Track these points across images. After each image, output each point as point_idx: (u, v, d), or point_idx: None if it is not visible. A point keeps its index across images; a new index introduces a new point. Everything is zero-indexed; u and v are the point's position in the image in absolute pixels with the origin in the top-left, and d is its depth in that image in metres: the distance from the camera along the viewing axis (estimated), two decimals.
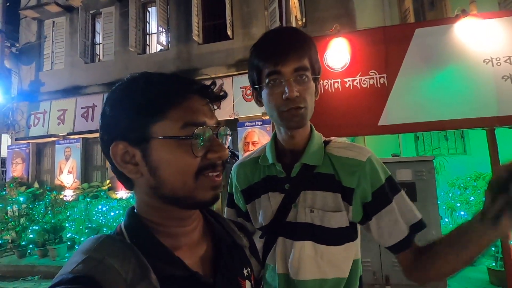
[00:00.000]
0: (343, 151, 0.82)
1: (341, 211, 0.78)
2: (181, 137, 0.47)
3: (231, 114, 6.03)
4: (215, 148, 0.50)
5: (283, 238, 0.81)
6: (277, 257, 0.81)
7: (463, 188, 4.34)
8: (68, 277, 0.40)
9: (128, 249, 0.46)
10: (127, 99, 0.49)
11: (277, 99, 0.76)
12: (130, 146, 0.48)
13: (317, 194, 0.80)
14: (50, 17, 8.12)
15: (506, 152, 3.14)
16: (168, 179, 0.48)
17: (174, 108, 0.48)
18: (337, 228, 0.78)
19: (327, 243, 0.78)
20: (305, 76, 0.76)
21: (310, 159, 0.81)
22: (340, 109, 2.41)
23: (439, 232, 2.78)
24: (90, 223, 6.07)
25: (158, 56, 7.17)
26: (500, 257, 3.35)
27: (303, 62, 0.76)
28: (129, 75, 0.53)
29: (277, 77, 0.75)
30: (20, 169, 7.68)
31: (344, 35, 2.46)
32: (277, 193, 0.83)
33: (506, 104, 2.17)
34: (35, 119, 7.81)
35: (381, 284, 2.81)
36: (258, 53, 0.78)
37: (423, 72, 2.32)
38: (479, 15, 2.27)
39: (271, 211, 0.83)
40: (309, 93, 0.77)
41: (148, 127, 0.48)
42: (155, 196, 0.49)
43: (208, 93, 0.52)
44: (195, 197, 0.49)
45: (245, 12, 6.48)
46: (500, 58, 2.23)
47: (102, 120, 0.51)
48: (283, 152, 0.86)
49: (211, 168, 0.50)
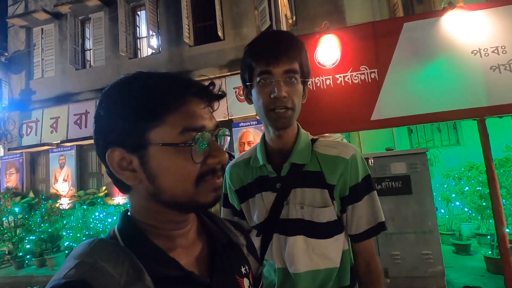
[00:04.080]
0: (328, 149, 0.87)
1: (329, 206, 0.84)
2: (180, 144, 0.46)
3: (225, 115, 6.03)
4: (215, 153, 0.49)
5: (278, 234, 0.86)
6: (273, 253, 0.86)
7: (458, 178, 4.39)
8: (60, 282, 0.40)
9: (121, 251, 0.45)
10: (122, 103, 0.47)
11: (265, 97, 0.80)
12: (127, 153, 0.47)
13: (306, 191, 0.85)
14: (39, 24, 8.03)
15: (497, 142, 3.19)
16: (168, 187, 0.47)
17: (172, 113, 0.46)
18: (326, 223, 0.83)
19: (317, 237, 0.83)
20: (294, 79, 0.81)
21: (298, 158, 0.86)
22: (332, 106, 2.43)
23: (434, 222, 2.81)
24: (88, 230, 6.01)
25: (150, 59, 7.13)
26: (496, 245, 3.40)
27: (294, 65, 0.80)
28: (122, 76, 0.51)
29: (268, 76, 0.79)
30: (14, 179, 7.59)
31: (334, 32, 2.47)
32: (270, 192, 0.88)
33: (495, 94, 2.20)
34: (27, 128, 7.72)
35: None
36: (252, 53, 0.83)
37: (413, 65, 2.34)
38: (466, 7, 2.30)
39: (265, 210, 0.87)
40: (297, 95, 0.82)
41: (145, 133, 0.46)
42: (154, 201, 0.49)
43: (207, 94, 0.50)
44: (197, 201, 0.49)
45: (235, 13, 6.48)
46: (487, 49, 2.26)
47: (96, 124, 0.49)
48: (273, 152, 0.90)
49: (211, 173, 0.49)
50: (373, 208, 0.86)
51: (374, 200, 0.87)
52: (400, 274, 2.83)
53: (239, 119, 6.00)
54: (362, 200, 0.85)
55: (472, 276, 3.44)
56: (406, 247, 2.82)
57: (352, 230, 0.86)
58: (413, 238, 2.81)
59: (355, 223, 0.85)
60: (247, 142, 5.71)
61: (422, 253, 2.77)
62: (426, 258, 2.76)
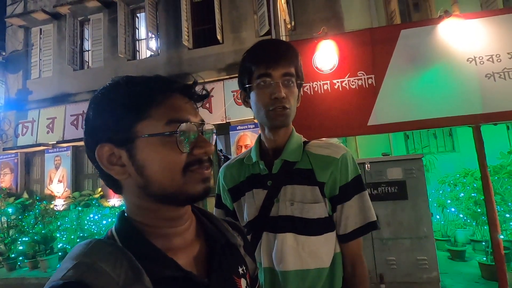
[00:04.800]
0: (320, 149, 0.90)
1: (319, 202, 0.85)
2: (166, 133, 0.47)
3: (223, 118, 6.03)
4: (201, 144, 0.51)
5: (267, 232, 0.87)
6: (262, 251, 0.86)
7: (453, 185, 4.42)
8: (59, 283, 0.39)
9: (119, 252, 0.45)
10: (109, 102, 0.50)
11: (265, 98, 0.85)
12: (116, 148, 0.48)
13: (297, 188, 0.86)
14: (37, 24, 8.01)
15: (492, 149, 3.22)
16: (156, 177, 0.48)
17: (157, 106, 0.49)
18: (316, 219, 0.84)
19: (307, 234, 0.83)
20: (291, 82, 0.86)
21: (289, 155, 0.88)
22: (329, 110, 2.44)
23: (430, 229, 2.82)
24: (82, 232, 5.95)
25: (148, 61, 7.13)
26: (490, 252, 3.41)
27: (291, 69, 0.86)
28: (110, 80, 0.53)
29: (267, 79, 0.84)
30: (8, 179, 7.50)
31: (332, 37, 2.50)
32: (261, 189, 0.89)
33: (490, 102, 2.23)
34: (23, 128, 7.65)
35: (375, 282, 2.82)
36: (251, 57, 0.88)
37: (409, 72, 2.37)
38: (462, 16, 2.34)
39: (255, 207, 0.89)
40: (293, 97, 0.88)
41: (132, 127, 0.48)
42: (145, 196, 0.49)
43: (190, 92, 0.53)
44: (186, 191, 0.49)
45: (235, 16, 6.51)
46: (483, 57, 2.29)
47: (86, 125, 0.52)
48: (266, 151, 0.93)
49: (198, 164, 0.50)
50: (363, 208, 0.87)
51: (364, 200, 0.87)
52: (395, 279, 2.83)
53: (237, 122, 6.00)
54: (351, 200, 0.86)
55: (466, 282, 3.45)
56: (401, 253, 2.82)
57: (340, 230, 0.86)
58: (408, 244, 2.82)
59: (343, 223, 0.86)
60: (245, 146, 5.71)
61: (418, 258, 2.78)
62: (422, 263, 2.77)
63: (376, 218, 0.89)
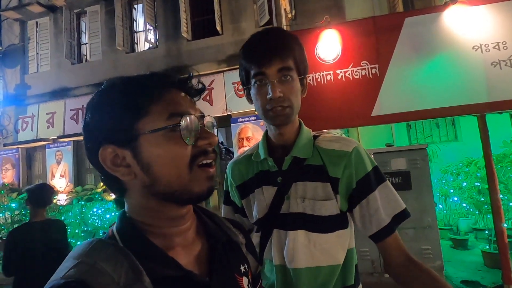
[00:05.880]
0: (330, 143, 0.87)
1: (331, 199, 0.82)
2: (169, 126, 0.47)
3: (224, 110, 5.99)
4: (204, 135, 0.50)
5: (278, 230, 0.84)
6: (273, 249, 0.84)
7: (456, 174, 4.42)
8: (59, 282, 0.40)
9: (120, 252, 0.45)
10: (107, 103, 0.49)
11: (262, 98, 0.82)
12: (119, 149, 0.48)
13: (308, 184, 0.83)
14: (33, 17, 7.89)
15: (495, 137, 3.20)
16: (163, 174, 0.47)
17: (156, 102, 0.48)
18: (328, 216, 0.81)
19: (319, 231, 0.81)
20: (289, 76, 0.81)
21: (300, 152, 0.85)
22: (333, 101, 2.41)
23: (434, 218, 2.83)
24: (86, 226, 5.99)
25: (147, 54, 7.05)
26: (493, 240, 3.43)
27: (287, 63, 0.80)
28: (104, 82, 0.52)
29: (262, 78, 0.80)
30: (10, 175, 7.52)
31: (335, 27, 2.45)
32: (270, 186, 0.87)
33: (495, 90, 2.20)
34: (23, 123, 7.63)
35: (379, 272, 2.85)
36: (245, 55, 0.84)
37: (414, 61, 2.33)
38: (468, 2, 2.28)
39: (265, 204, 0.86)
40: (293, 92, 0.82)
41: (133, 126, 0.47)
42: (150, 195, 0.49)
43: (187, 86, 0.53)
44: (192, 190, 0.49)
45: (234, 7, 6.40)
46: (488, 45, 2.25)
47: (85, 131, 0.51)
48: (275, 147, 0.90)
49: (204, 155, 0.50)
50: (390, 197, 0.83)
51: (389, 189, 0.83)
52: None
53: (238, 115, 5.96)
54: (376, 191, 0.82)
55: (469, 271, 3.48)
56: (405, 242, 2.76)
57: (372, 228, 0.81)
58: (412, 233, 2.83)
59: (374, 219, 0.80)
60: (246, 138, 5.69)
61: (422, 248, 2.79)
62: (426, 253, 2.78)
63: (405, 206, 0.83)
